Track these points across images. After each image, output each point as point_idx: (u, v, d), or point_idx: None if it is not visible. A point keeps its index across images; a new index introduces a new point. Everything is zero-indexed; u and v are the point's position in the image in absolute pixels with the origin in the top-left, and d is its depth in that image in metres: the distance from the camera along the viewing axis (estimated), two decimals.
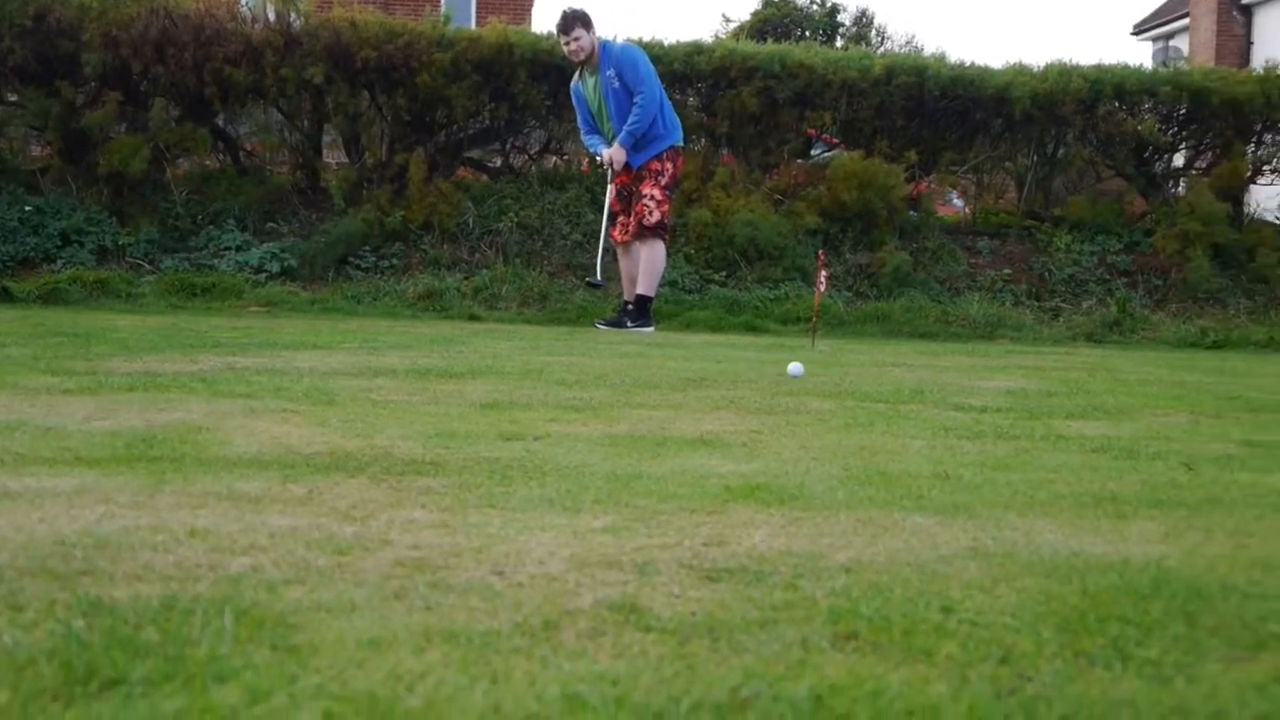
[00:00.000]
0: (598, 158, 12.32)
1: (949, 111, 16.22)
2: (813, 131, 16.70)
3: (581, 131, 12.45)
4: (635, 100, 11.79)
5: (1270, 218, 17.26)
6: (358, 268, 14.31)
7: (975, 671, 2.12)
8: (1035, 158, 17.16)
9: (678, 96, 15.35)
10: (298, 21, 15.12)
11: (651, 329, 12.02)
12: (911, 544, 3.02)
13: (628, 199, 12.11)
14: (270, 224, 14.82)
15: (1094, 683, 2.09)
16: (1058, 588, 2.66)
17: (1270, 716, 1.96)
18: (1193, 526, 3.36)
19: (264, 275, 13.91)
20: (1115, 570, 2.82)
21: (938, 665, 2.15)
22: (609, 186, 12.18)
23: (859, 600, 2.50)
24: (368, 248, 14.50)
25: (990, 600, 2.55)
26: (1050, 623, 2.41)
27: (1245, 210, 17.24)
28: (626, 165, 11.97)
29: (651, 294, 12.20)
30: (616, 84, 11.81)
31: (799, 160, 16.51)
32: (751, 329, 13.11)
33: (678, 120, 12.32)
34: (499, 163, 16.51)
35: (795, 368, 7.22)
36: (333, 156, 16.37)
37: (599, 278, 12.40)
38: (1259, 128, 17.03)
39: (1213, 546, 3.12)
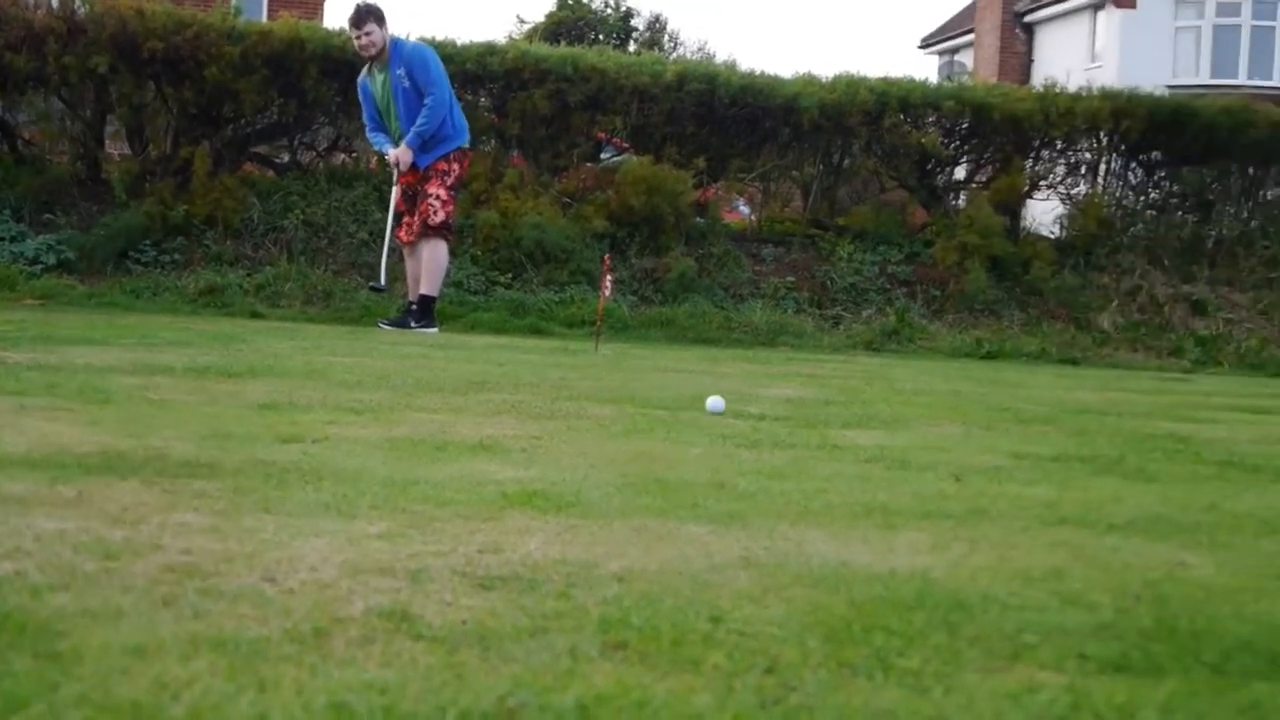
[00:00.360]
0: (385, 156, 12.24)
1: (738, 119, 16.37)
2: (603, 135, 16.76)
3: (367, 128, 12.35)
4: (425, 102, 11.73)
5: (1045, 232, 17.70)
6: (138, 262, 14.06)
7: (741, 681, 2.15)
8: (821, 167, 17.41)
9: (469, 97, 15.32)
10: (83, 8, 14.81)
11: (435, 330, 11.98)
12: (685, 553, 3.05)
13: (413, 199, 12.05)
14: (48, 215, 14.49)
15: (856, 693, 2.14)
16: (825, 598, 2.71)
17: None
18: (959, 538, 3.44)
19: (40, 267, 13.60)
20: (882, 581, 2.88)
21: (704, 675, 2.18)
22: (394, 187, 12.12)
23: (630, 610, 2.52)
24: (149, 242, 14.25)
25: (759, 610, 2.59)
26: (816, 633, 2.45)
27: (1022, 224, 17.66)
28: (413, 165, 11.91)
29: (435, 294, 12.15)
30: (407, 83, 11.75)
31: (589, 164, 16.56)
32: (537, 332, 13.13)
33: (466, 122, 12.30)
34: (286, 159, 16.33)
35: (715, 403, 6.24)
36: (115, 147, 16.05)
37: (383, 283, 12.32)
38: (1037, 144, 17.44)
39: (977, 558, 3.20)
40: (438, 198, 11.85)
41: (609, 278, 10.61)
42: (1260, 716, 2.15)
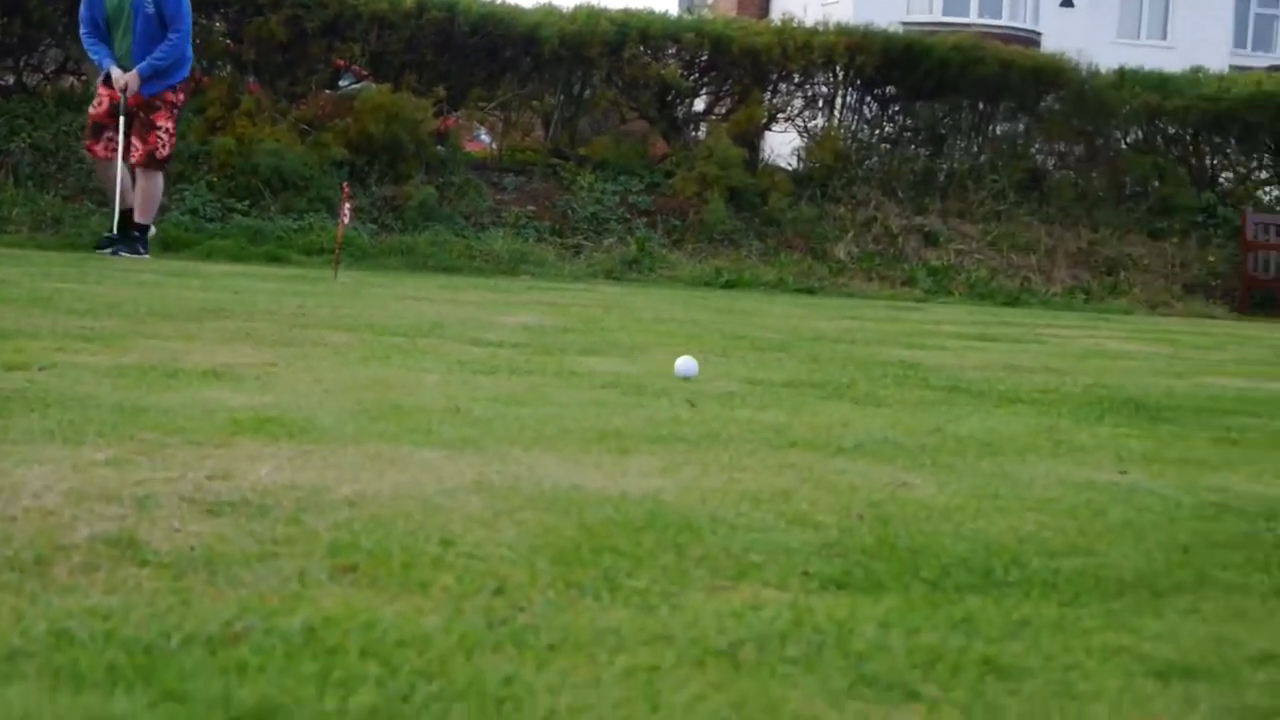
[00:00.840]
0: (104, 69, 11.71)
1: (479, 48, 16.27)
2: (341, 62, 16.54)
3: (83, 28, 11.74)
4: (170, 36, 11.40)
5: (783, 164, 17.93)
6: None
7: (470, 603, 2.17)
8: (562, 97, 17.38)
9: (203, 21, 14.98)
10: None
11: (150, 239, 11.75)
12: (417, 478, 3.05)
13: (128, 119, 11.59)
14: None
15: (583, 612, 2.17)
16: (556, 520, 2.74)
17: (744, 641, 2.07)
18: (690, 461, 3.49)
19: None
20: (613, 503, 2.92)
21: (433, 597, 2.19)
22: (99, 94, 11.63)
23: (360, 534, 2.52)
24: None
25: (490, 533, 2.60)
26: (546, 555, 2.47)
27: (760, 156, 17.86)
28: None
29: (149, 223, 11.83)
30: (150, 9, 11.39)
31: (327, 91, 16.34)
32: (274, 259, 12.93)
33: (192, 54, 11.99)
34: (11, 81, 15.81)
35: (687, 366, 5.46)
36: None
37: (113, 233, 11.88)
38: (775, 77, 17.64)
39: (707, 480, 3.26)
40: (167, 131, 11.54)
41: (348, 205, 10.50)
42: (973, 628, 2.22)
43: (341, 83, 16.93)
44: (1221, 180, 19.06)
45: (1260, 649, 2.22)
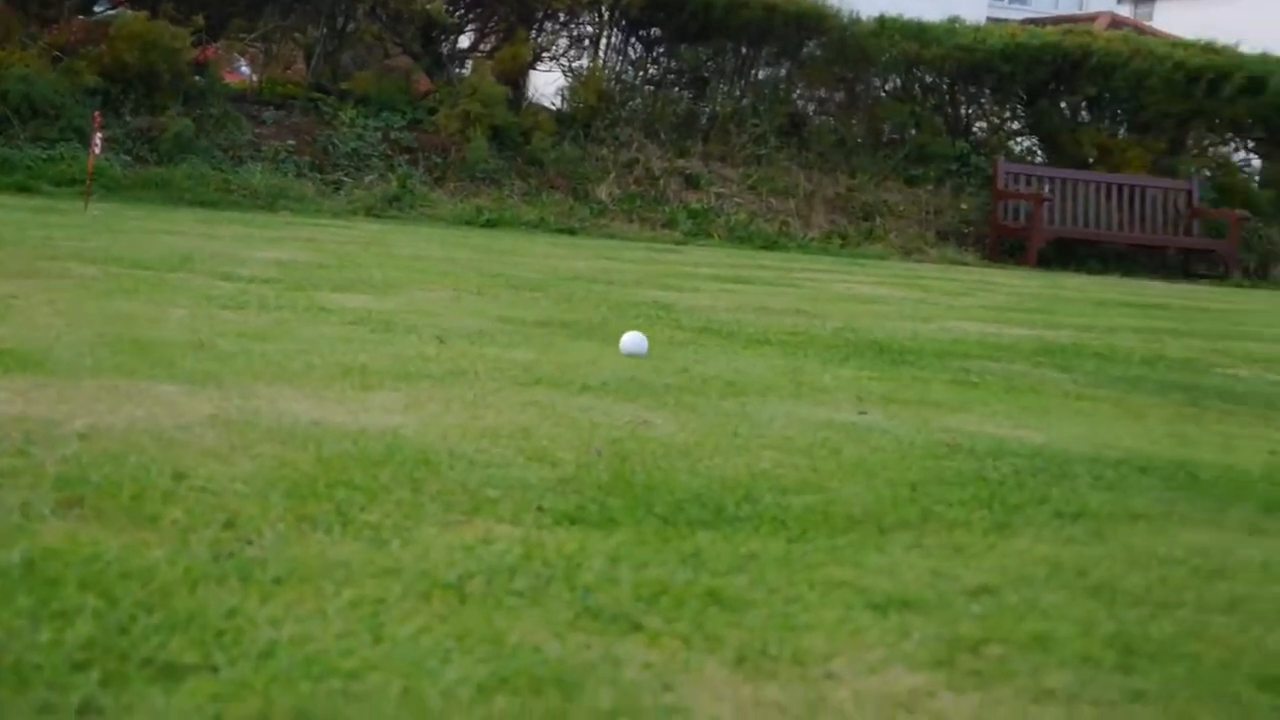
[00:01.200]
0: None
1: None
2: None
3: None
4: None
5: (547, 103, 17.91)
6: None
7: (198, 536, 2.15)
8: (325, 30, 17.16)
9: None
10: None
11: None
12: (154, 412, 3.02)
13: None
14: None
15: (313, 545, 2.17)
16: (293, 455, 2.73)
17: (473, 574, 2.09)
18: (434, 398, 3.50)
19: None
20: (351, 438, 2.91)
21: (161, 530, 2.17)
22: None
23: (89, 467, 2.49)
24: None
25: (224, 467, 2.58)
26: (280, 488, 2.47)
27: (524, 95, 17.82)
28: None
29: None
30: None
31: (80, 16, 15.92)
32: (23, 190, 12.60)
33: None
34: None
35: (634, 343, 4.89)
36: None
37: None
38: (540, 15, 17.60)
39: (449, 417, 3.27)
40: None
41: (99, 135, 10.27)
42: (700, 562, 2.27)
43: (96, 8, 16.51)
44: (975, 130, 19.48)
45: (977, 582, 2.30)
